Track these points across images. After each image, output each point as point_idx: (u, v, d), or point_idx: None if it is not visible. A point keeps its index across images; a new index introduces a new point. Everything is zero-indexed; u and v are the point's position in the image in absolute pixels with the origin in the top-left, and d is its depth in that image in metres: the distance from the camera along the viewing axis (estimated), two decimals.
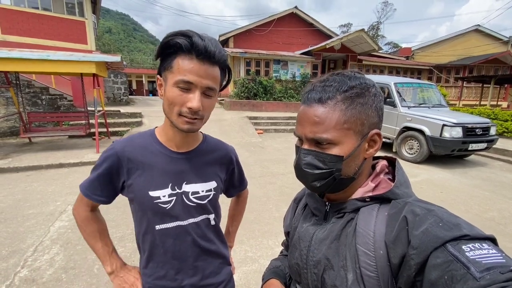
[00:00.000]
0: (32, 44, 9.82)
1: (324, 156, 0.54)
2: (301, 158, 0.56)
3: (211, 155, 0.87)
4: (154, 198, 0.77)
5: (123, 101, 11.99)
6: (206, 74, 0.67)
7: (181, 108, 0.68)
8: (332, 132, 0.52)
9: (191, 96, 0.67)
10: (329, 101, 0.53)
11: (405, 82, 6.86)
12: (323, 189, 0.57)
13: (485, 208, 3.61)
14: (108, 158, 0.78)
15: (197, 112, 0.69)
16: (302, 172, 0.57)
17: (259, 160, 5.72)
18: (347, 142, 0.53)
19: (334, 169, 0.54)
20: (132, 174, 0.78)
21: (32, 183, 4.10)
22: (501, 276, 0.35)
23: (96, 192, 0.80)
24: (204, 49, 0.65)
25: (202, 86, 0.67)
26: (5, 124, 7.28)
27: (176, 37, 0.65)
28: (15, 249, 2.42)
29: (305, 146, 0.57)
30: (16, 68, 5.14)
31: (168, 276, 0.82)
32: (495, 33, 17.85)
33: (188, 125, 0.70)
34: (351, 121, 0.53)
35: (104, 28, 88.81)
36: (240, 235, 1.01)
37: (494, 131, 5.87)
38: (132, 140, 0.81)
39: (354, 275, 0.51)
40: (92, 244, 0.85)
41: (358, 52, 14.74)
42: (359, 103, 0.53)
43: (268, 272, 0.80)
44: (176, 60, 0.67)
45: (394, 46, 40.32)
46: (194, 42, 0.65)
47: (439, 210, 0.47)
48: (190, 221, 0.81)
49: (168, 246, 0.80)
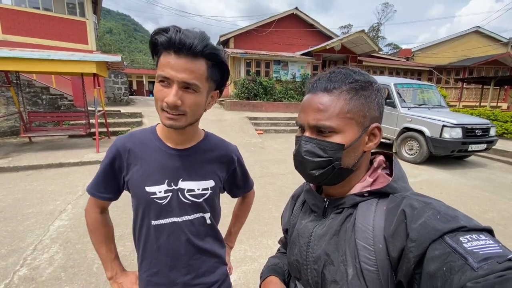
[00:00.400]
0: (33, 44, 9.84)
1: (326, 144, 0.54)
2: (302, 146, 0.57)
3: (211, 154, 0.86)
4: (150, 194, 0.77)
5: (124, 101, 11.99)
6: (183, 68, 0.65)
7: (162, 103, 0.68)
8: (335, 120, 0.53)
9: (168, 90, 0.66)
10: (334, 90, 0.55)
11: (405, 83, 6.87)
12: (321, 179, 0.57)
13: (484, 209, 3.61)
14: (110, 154, 0.80)
15: (176, 107, 0.67)
16: (302, 160, 0.57)
17: (259, 161, 5.72)
18: (349, 131, 0.54)
19: (334, 157, 0.54)
20: (131, 169, 0.79)
21: (32, 183, 4.11)
22: (498, 265, 0.36)
23: (100, 190, 0.82)
24: (178, 42, 0.63)
25: (178, 80, 0.65)
26: (5, 124, 7.29)
27: (157, 34, 0.66)
28: (14, 248, 2.42)
29: (306, 133, 0.57)
30: (17, 67, 5.15)
31: (162, 273, 0.82)
32: (495, 34, 17.87)
33: (170, 121, 0.69)
34: (354, 111, 0.54)
35: (105, 29, 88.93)
36: (240, 234, 1.02)
37: (494, 132, 5.87)
38: (133, 136, 0.82)
39: (354, 270, 0.51)
40: (98, 248, 0.87)
41: (358, 53, 14.75)
42: (363, 95, 0.55)
43: (267, 270, 0.79)
44: (160, 57, 0.67)
45: (394, 47, 40.36)
46: (170, 36, 0.63)
47: (436, 203, 0.48)
48: (185, 219, 0.81)
49: (161, 242, 0.80)
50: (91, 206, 0.87)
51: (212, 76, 0.71)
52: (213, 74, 0.71)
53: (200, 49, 0.65)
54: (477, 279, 0.35)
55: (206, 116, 0.76)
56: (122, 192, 0.86)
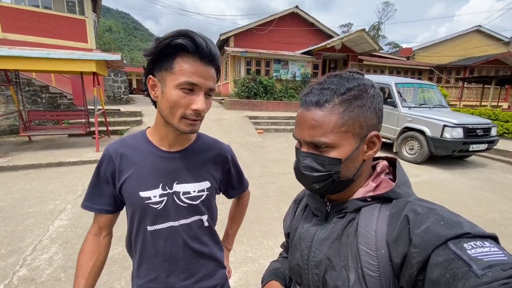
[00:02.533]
0: (32, 42, 9.80)
1: (323, 159, 0.54)
2: (300, 161, 0.56)
3: (205, 154, 0.85)
4: (144, 199, 0.75)
5: (123, 100, 11.97)
6: (209, 76, 0.68)
7: (186, 110, 0.67)
8: (330, 135, 0.52)
9: (195, 97, 0.67)
10: (326, 104, 0.53)
11: (406, 82, 6.85)
12: (323, 191, 0.57)
13: (486, 209, 3.60)
14: (102, 161, 0.78)
15: (200, 113, 0.69)
16: (302, 175, 0.57)
17: (259, 160, 5.72)
18: (345, 145, 0.53)
19: (333, 171, 0.53)
20: (124, 175, 0.77)
21: (31, 182, 4.10)
22: (503, 273, 0.35)
23: (94, 201, 0.79)
24: (208, 51, 0.65)
25: (206, 87, 0.68)
26: (4, 123, 7.28)
27: (178, 38, 0.64)
28: (14, 248, 2.42)
29: (303, 149, 0.57)
30: (17, 66, 5.14)
31: (160, 279, 0.80)
32: (496, 33, 17.84)
33: (191, 127, 0.70)
34: (349, 124, 0.52)
35: (105, 27, 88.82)
36: (240, 235, 1.01)
37: (495, 132, 5.86)
38: (124, 141, 0.81)
39: (356, 275, 0.50)
40: (76, 277, 0.78)
41: (358, 52, 14.72)
42: (357, 105, 0.53)
43: (268, 274, 0.79)
44: (177, 61, 0.65)
45: (395, 46, 40.32)
46: (198, 43, 0.64)
47: (440, 209, 0.47)
48: (182, 222, 0.80)
49: (159, 247, 0.78)
50: (92, 225, 0.83)
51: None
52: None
53: (218, 57, 0.69)
54: (481, 286, 0.35)
55: (206, 115, 0.76)
56: (120, 205, 0.83)
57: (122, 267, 2.16)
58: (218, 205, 0.96)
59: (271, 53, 13.76)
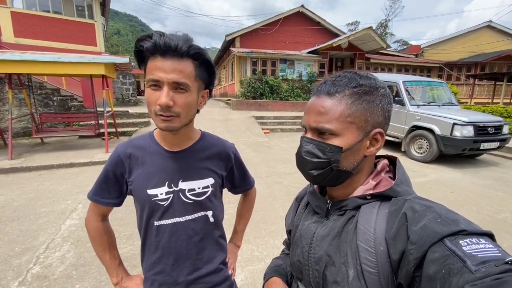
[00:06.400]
0: (43, 47, 10.06)
1: (324, 146, 0.56)
2: (302, 146, 0.59)
3: (208, 152, 0.87)
4: (152, 196, 0.80)
5: (132, 102, 12.15)
6: (172, 69, 0.66)
7: (155, 107, 0.69)
8: (335, 123, 0.54)
9: (160, 93, 0.68)
10: (336, 94, 0.56)
11: (414, 80, 6.75)
12: (320, 179, 0.58)
13: (497, 209, 3.52)
14: (112, 160, 0.82)
15: (168, 108, 0.68)
16: (302, 160, 0.59)
17: (265, 160, 5.72)
18: (348, 135, 0.55)
19: (332, 159, 0.55)
20: (133, 173, 0.81)
21: (44, 182, 4.22)
22: (495, 268, 0.36)
23: (104, 195, 0.84)
24: (163, 45, 0.65)
25: (168, 81, 0.67)
26: (18, 125, 7.50)
27: (141, 41, 0.68)
28: (27, 246, 2.50)
29: (308, 135, 0.59)
30: (29, 70, 5.28)
31: (165, 272, 0.84)
32: (508, 29, 17.35)
33: (165, 123, 0.70)
34: (355, 115, 0.54)
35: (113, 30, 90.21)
36: (247, 234, 1.03)
37: (506, 129, 5.71)
38: (133, 142, 0.85)
39: (355, 271, 0.51)
40: (101, 255, 0.89)
41: (365, 50, 14.56)
42: (366, 100, 0.55)
43: (270, 270, 0.81)
44: (147, 63, 0.69)
45: (403, 43, 39.70)
46: (155, 41, 0.65)
47: (437, 207, 0.48)
48: (187, 218, 0.83)
49: (164, 242, 0.82)
50: (92, 214, 0.88)
51: (200, 75, 0.73)
52: (201, 73, 0.73)
53: (186, 49, 0.67)
54: (474, 281, 0.36)
55: (212, 116, 0.77)
56: (125, 198, 0.88)
57: (131, 265, 2.21)
58: (224, 205, 0.99)
59: (277, 52, 13.74)
